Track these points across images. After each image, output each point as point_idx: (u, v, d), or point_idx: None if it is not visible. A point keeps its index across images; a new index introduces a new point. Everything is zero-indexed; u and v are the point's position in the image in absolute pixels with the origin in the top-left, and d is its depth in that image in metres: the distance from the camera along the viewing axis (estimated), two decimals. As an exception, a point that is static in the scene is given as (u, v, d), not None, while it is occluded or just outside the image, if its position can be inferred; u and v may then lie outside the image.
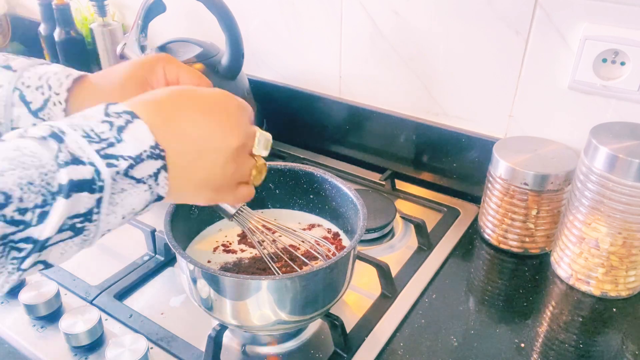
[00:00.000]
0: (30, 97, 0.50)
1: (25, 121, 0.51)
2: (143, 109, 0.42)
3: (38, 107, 0.50)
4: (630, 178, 0.63)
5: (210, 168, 0.45)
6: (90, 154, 0.38)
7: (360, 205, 0.62)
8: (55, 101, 0.50)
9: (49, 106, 0.50)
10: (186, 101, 0.45)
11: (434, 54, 0.87)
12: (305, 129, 1.07)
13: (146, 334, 0.64)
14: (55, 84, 0.50)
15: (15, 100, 0.50)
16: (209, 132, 0.44)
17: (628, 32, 0.70)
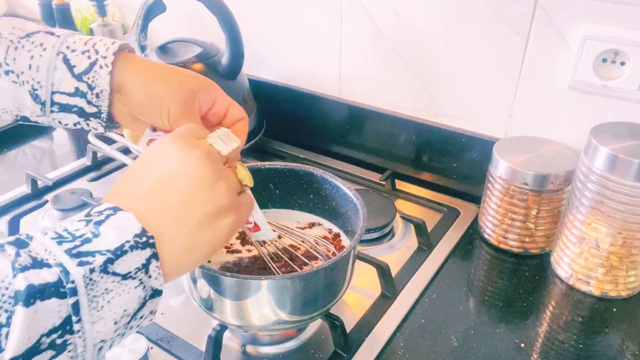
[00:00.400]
0: (75, 61, 0.50)
1: (68, 85, 0.50)
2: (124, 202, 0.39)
3: (83, 69, 0.50)
4: (630, 178, 0.63)
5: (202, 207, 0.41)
6: (58, 255, 0.34)
7: (360, 205, 0.62)
8: (102, 64, 0.49)
9: (95, 69, 0.50)
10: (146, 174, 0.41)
11: (434, 54, 0.87)
12: (305, 129, 1.07)
13: (146, 334, 0.64)
14: (102, 48, 0.50)
15: (58, 64, 0.50)
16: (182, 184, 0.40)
17: (628, 32, 0.70)
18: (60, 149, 1.12)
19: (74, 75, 0.50)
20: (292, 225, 0.68)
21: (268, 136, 1.08)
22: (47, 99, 0.51)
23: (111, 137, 0.95)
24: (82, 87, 0.50)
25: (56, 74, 0.50)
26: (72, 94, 0.50)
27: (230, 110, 0.54)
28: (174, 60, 0.92)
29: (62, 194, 0.88)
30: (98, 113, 0.52)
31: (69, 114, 0.52)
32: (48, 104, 0.51)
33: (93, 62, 0.50)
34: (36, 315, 0.32)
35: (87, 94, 0.50)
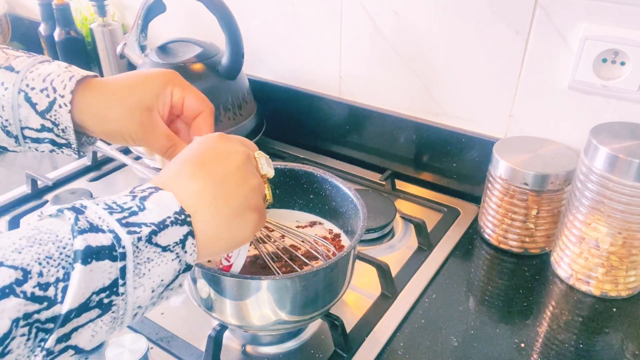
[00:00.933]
0: (36, 99, 0.50)
1: (34, 121, 0.51)
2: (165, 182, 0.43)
3: (44, 108, 0.51)
4: (630, 178, 0.63)
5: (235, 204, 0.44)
6: (111, 223, 0.38)
7: (360, 205, 0.62)
8: (61, 103, 0.50)
9: (54, 108, 0.50)
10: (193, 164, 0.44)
11: (434, 54, 0.87)
12: (305, 129, 1.07)
13: (146, 334, 0.64)
14: (60, 86, 0.50)
15: (21, 102, 0.50)
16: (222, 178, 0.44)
17: (628, 32, 0.70)
18: (60, 149, 1.12)
19: (37, 112, 0.51)
20: (292, 225, 0.68)
21: (268, 136, 1.08)
22: (19, 134, 0.52)
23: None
24: (47, 124, 0.51)
25: (21, 111, 0.51)
26: (40, 130, 0.52)
27: (186, 102, 0.55)
28: (174, 60, 0.92)
29: (62, 194, 0.88)
30: (68, 144, 0.53)
31: (42, 144, 0.53)
32: (21, 138, 0.52)
33: (52, 101, 0.50)
34: (91, 274, 0.35)
35: (53, 129, 0.52)
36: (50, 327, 0.34)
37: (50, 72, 0.51)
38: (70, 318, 0.35)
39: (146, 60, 0.93)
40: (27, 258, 0.34)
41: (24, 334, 0.33)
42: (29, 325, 0.33)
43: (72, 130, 0.52)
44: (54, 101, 0.50)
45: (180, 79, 0.55)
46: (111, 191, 0.94)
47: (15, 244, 0.34)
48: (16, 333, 0.32)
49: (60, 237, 0.36)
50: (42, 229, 0.36)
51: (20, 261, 0.34)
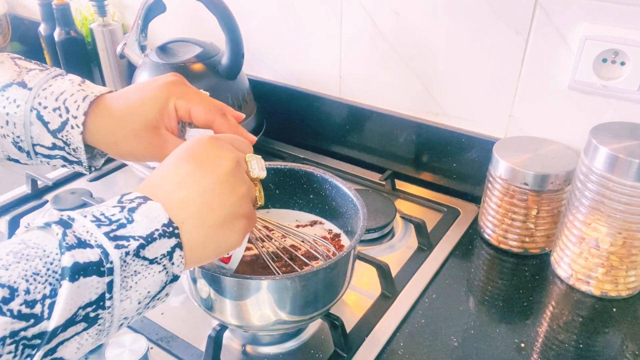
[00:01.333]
0: (48, 118, 0.50)
1: (46, 139, 0.51)
2: (153, 191, 0.42)
3: (56, 128, 0.50)
4: (630, 178, 0.63)
5: (221, 209, 0.43)
6: (99, 237, 0.37)
7: (360, 205, 0.62)
8: (73, 124, 0.50)
9: (66, 129, 0.50)
10: (183, 167, 0.44)
11: (434, 54, 0.87)
12: (305, 129, 1.07)
13: (146, 334, 0.64)
14: (73, 107, 0.50)
15: (33, 120, 0.50)
16: (209, 187, 0.43)
17: (628, 32, 0.70)
18: (60, 149, 1.12)
19: (49, 131, 0.51)
20: (292, 225, 0.68)
21: (268, 136, 1.08)
22: (30, 150, 0.53)
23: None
24: (59, 143, 0.51)
25: (33, 129, 0.51)
26: (51, 148, 0.52)
27: (193, 114, 0.54)
28: (174, 60, 0.92)
29: (62, 194, 0.88)
30: (79, 162, 0.54)
31: (54, 160, 0.54)
32: (32, 154, 0.53)
33: (64, 121, 0.50)
34: (79, 290, 0.35)
35: (64, 148, 0.52)
36: (37, 343, 0.34)
37: (64, 90, 0.51)
38: (56, 334, 0.35)
39: (146, 60, 0.93)
40: (14, 275, 0.33)
41: (11, 351, 0.33)
42: (16, 343, 0.33)
43: (83, 150, 0.52)
44: (67, 122, 0.50)
45: (181, 89, 0.54)
46: (111, 191, 0.94)
47: (2, 259, 0.34)
48: (2, 351, 0.32)
49: (47, 253, 0.35)
50: (29, 243, 0.35)
51: (7, 278, 0.33)
